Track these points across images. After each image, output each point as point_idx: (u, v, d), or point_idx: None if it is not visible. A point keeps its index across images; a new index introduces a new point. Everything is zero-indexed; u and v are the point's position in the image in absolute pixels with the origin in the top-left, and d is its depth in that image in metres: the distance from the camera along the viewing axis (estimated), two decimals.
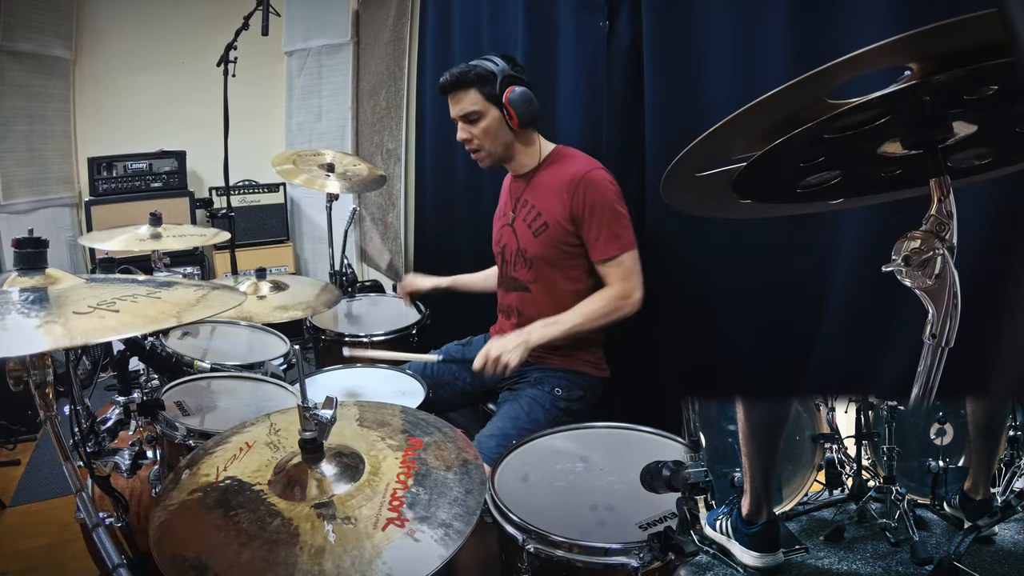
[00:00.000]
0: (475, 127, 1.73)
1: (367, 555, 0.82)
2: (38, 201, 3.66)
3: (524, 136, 1.77)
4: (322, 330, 2.25)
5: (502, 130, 1.73)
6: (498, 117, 1.71)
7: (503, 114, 1.70)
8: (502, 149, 1.76)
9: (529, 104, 1.69)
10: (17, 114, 3.50)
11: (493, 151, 1.76)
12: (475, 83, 1.69)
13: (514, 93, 1.67)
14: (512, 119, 1.69)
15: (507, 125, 1.71)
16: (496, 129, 1.72)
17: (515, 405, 1.72)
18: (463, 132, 1.76)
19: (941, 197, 0.75)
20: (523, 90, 1.69)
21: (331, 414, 0.93)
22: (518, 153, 1.79)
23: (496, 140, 1.74)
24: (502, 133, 1.73)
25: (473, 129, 1.73)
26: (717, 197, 0.92)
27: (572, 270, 1.74)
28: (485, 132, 1.73)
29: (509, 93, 1.67)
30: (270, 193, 4.17)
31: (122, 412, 1.39)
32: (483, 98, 1.70)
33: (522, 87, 1.70)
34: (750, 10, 1.50)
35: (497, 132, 1.73)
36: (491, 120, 1.72)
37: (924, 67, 0.62)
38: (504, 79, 1.68)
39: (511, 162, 1.82)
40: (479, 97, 1.70)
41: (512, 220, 1.83)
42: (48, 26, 3.60)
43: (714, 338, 1.74)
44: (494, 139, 1.74)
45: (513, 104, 1.67)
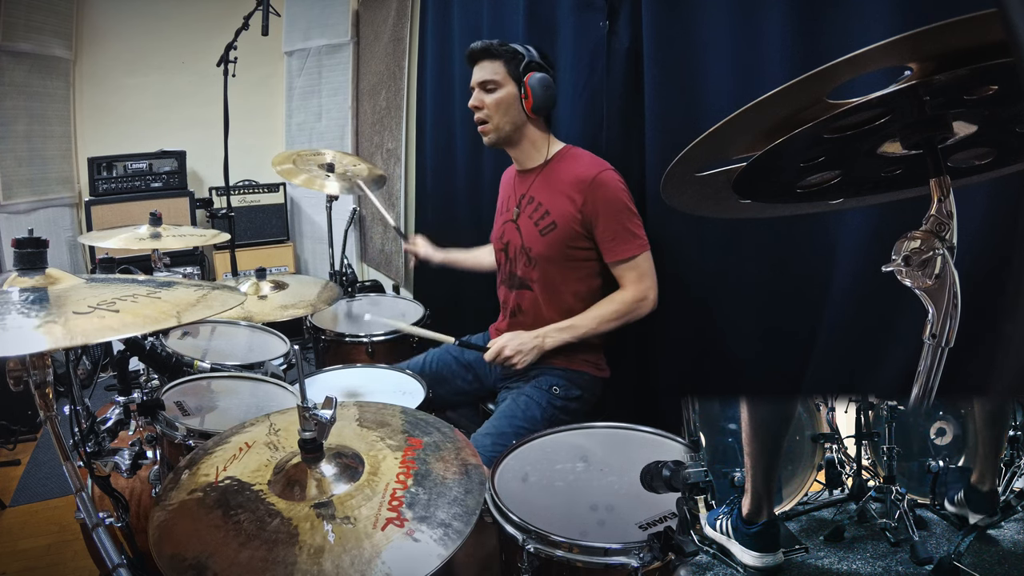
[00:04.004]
0: (490, 96, 1.74)
1: (366, 555, 0.82)
2: (38, 201, 3.66)
3: (535, 124, 1.78)
4: (322, 330, 2.25)
5: (514, 107, 1.74)
6: (514, 93, 1.73)
7: (520, 92, 1.72)
8: (509, 127, 1.76)
9: (547, 90, 1.72)
10: (17, 114, 3.50)
11: (500, 126, 1.76)
12: (503, 56, 1.73)
13: (535, 77, 1.70)
14: (527, 99, 1.70)
15: (521, 105, 1.73)
16: (508, 103, 1.73)
17: (512, 404, 1.72)
18: (475, 99, 1.77)
19: (941, 197, 0.75)
20: (544, 76, 1.72)
21: (331, 414, 0.93)
22: (524, 140, 1.79)
23: (506, 115, 1.75)
24: (513, 110, 1.74)
25: (487, 98, 1.75)
26: (717, 197, 0.92)
27: (578, 270, 1.74)
28: (497, 103, 1.74)
29: (532, 75, 1.70)
30: (270, 193, 4.17)
31: (122, 412, 1.39)
32: (506, 72, 1.73)
33: (544, 74, 1.72)
34: (750, 10, 1.50)
35: (509, 107, 1.74)
36: (506, 94, 1.73)
37: (924, 67, 0.62)
38: (530, 63, 1.72)
39: (515, 148, 1.82)
40: (502, 69, 1.73)
41: (517, 216, 1.83)
42: (48, 26, 3.60)
43: (714, 338, 1.74)
44: (504, 113, 1.74)
45: (532, 85, 1.70)
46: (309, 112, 4.26)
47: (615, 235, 1.66)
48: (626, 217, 1.66)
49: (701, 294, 1.75)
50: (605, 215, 1.66)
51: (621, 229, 1.66)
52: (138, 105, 4.02)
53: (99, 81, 3.92)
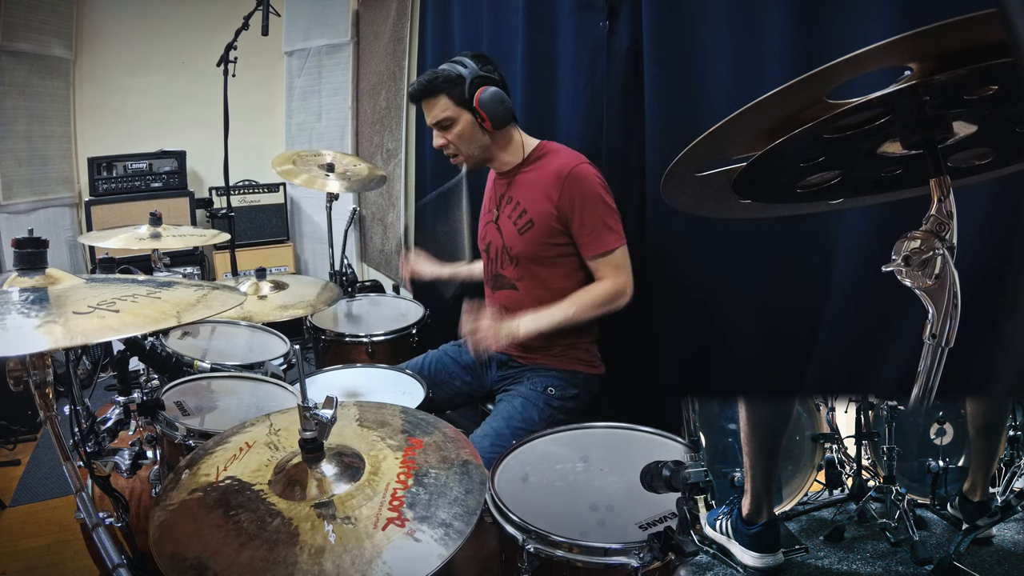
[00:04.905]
0: (449, 133, 1.71)
1: (367, 555, 0.82)
2: (38, 201, 3.66)
3: (502, 136, 1.74)
4: (322, 330, 2.25)
5: (476, 133, 1.70)
6: (471, 121, 1.68)
7: (476, 118, 1.68)
8: (479, 151, 1.74)
9: (501, 104, 1.65)
10: (17, 114, 3.50)
11: (471, 154, 1.74)
12: (444, 89, 1.67)
13: (485, 94, 1.64)
14: (485, 121, 1.67)
15: (481, 128, 1.69)
16: (470, 133, 1.70)
17: (509, 405, 1.72)
18: (438, 138, 1.74)
19: (941, 197, 0.75)
20: (494, 91, 1.65)
21: (331, 414, 0.93)
22: (498, 152, 1.77)
23: (472, 143, 1.72)
24: (477, 136, 1.71)
25: (448, 135, 1.71)
26: (717, 197, 0.92)
27: (561, 267, 1.73)
28: (459, 137, 1.70)
29: (480, 95, 1.64)
30: (270, 193, 4.17)
31: (122, 412, 1.39)
32: (453, 103, 1.67)
33: (493, 87, 1.66)
34: (749, 10, 1.50)
35: (472, 136, 1.70)
36: (464, 124, 1.69)
37: (924, 67, 0.62)
38: (473, 81, 1.65)
39: (493, 162, 1.80)
40: (449, 103, 1.67)
41: (496, 217, 1.82)
42: (48, 26, 3.60)
43: (714, 338, 1.74)
44: (469, 143, 1.72)
45: (484, 107, 1.64)
46: (309, 112, 4.26)
47: (592, 228, 1.64)
48: (603, 210, 1.64)
49: (701, 294, 1.75)
50: (581, 208, 1.63)
51: (598, 223, 1.63)
52: (138, 105, 4.02)
53: (99, 81, 3.92)
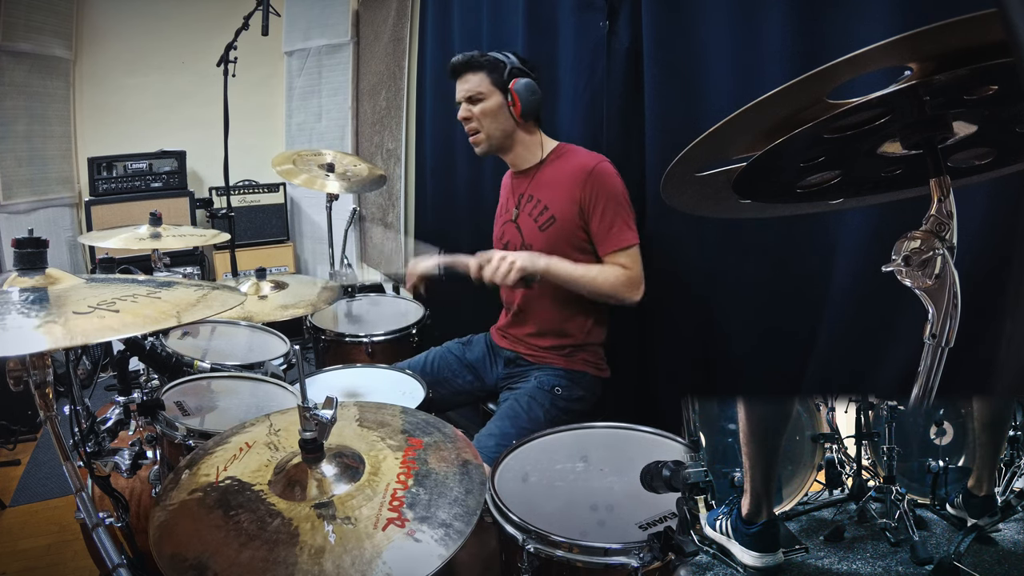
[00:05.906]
0: (477, 107, 1.76)
1: (367, 555, 0.82)
2: (38, 201, 3.66)
3: (525, 128, 1.79)
4: (322, 330, 2.25)
5: (502, 114, 1.75)
6: (501, 102, 1.75)
7: (507, 100, 1.73)
8: (500, 135, 1.78)
9: (532, 95, 1.73)
10: (17, 114, 3.50)
11: (491, 134, 1.78)
12: (485, 67, 1.75)
13: (520, 83, 1.72)
14: (515, 106, 1.72)
15: (509, 112, 1.74)
16: (496, 112, 1.75)
17: (515, 404, 1.72)
18: (464, 111, 1.79)
19: (941, 197, 0.75)
20: (528, 81, 1.74)
21: (331, 414, 0.93)
22: (517, 145, 1.81)
23: (495, 123, 1.76)
24: (502, 118, 1.76)
25: (474, 108, 1.76)
26: (717, 197, 0.92)
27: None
28: (485, 113, 1.76)
29: (516, 81, 1.72)
30: (270, 193, 4.17)
31: (122, 412, 1.38)
32: (490, 82, 1.75)
33: (528, 79, 1.74)
34: (749, 10, 1.50)
35: (497, 115, 1.75)
36: (493, 103, 1.75)
37: (924, 67, 0.62)
38: (512, 70, 1.74)
39: (509, 153, 1.83)
40: (486, 80, 1.75)
41: (516, 216, 1.84)
42: (48, 26, 3.60)
43: (714, 338, 1.74)
44: (493, 121, 1.76)
45: (518, 92, 1.72)
46: (309, 112, 4.26)
47: (612, 224, 1.67)
48: (624, 208, 1.68)
49: (701, 294, 1.75)
50: (604, 205, 1.67)
51: (618, 220, 1.67)
52: (138, 105, 4.02)
53: (99, 81, 3.92)
